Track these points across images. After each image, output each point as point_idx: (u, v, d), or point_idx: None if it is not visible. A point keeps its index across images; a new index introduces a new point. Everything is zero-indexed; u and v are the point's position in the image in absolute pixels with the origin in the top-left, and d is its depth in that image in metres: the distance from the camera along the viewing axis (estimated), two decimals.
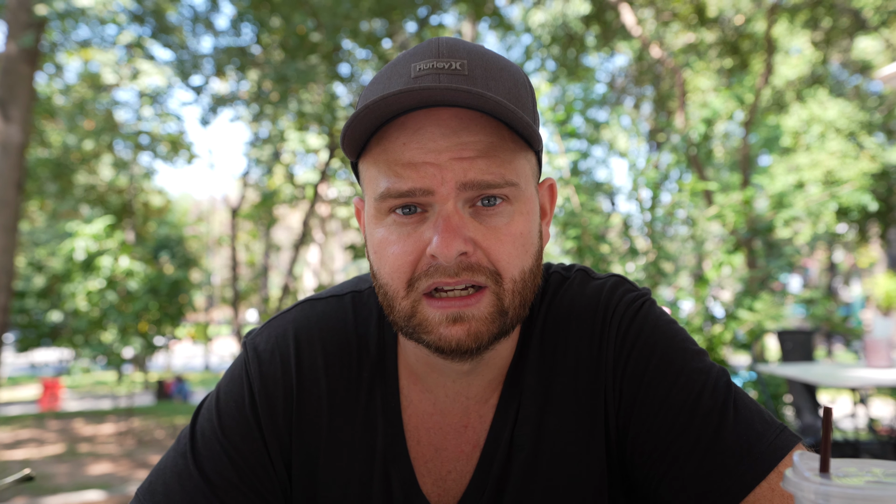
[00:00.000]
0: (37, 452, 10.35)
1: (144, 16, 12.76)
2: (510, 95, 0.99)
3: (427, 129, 0.95)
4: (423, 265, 0.97)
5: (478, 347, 0.98)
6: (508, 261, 0.97)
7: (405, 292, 0.99)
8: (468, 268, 0.96)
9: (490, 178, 0.95)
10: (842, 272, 36.64)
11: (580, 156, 7.26)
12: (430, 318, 0.98)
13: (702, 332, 6.71)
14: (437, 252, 0.93)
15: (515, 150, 0.98)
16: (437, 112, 0.96)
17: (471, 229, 0.96)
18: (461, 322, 0.97)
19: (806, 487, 0.64)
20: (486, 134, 0.96)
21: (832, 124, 19.71)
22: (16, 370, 28.75)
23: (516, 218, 0.98)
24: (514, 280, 0.98)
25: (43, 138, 17.77)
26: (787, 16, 15.76)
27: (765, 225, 8.01)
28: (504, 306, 0.98)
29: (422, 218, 0.98)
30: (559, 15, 17.16)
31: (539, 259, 1.04)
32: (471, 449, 1.11)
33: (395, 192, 0.96)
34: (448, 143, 0.95)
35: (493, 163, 0.95)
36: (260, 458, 1.09)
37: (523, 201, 0.99)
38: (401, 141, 0.96)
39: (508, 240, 0.97)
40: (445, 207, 0.95)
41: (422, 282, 0.97)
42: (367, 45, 14.36)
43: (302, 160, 22.10)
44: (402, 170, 0.96)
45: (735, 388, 1.05)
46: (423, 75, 0.98)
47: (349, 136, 0.96)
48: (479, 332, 0.97)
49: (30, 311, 17.71)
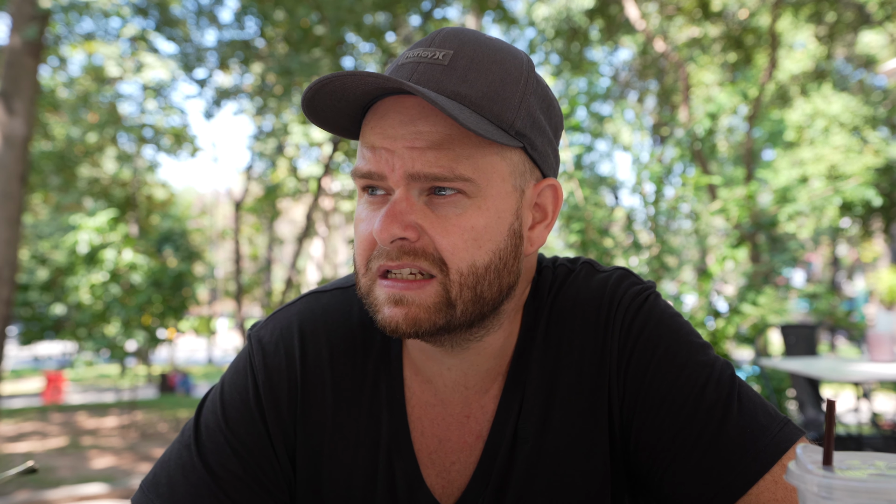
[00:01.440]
0: (40, 445, 10.37)
1: (148, 9, 12.74)
2: (488, 89, 0.98)
3: (390, 116, 0.97)
4: (377, 246, 0.99)
5: (416, 332, 0.98)
6: (453, 251, 0.97)
7: (364, 269, 1.01)
8: (410, 252, 0.96)
9: (437, 170, 0.95)
10: (845, 267, 36.60)
11: (584, 149, 7.27)
12: (378, 297, 0.99)
13: (705, 327, 6.71)
14: (375, 235, 0.95)
15: (481, 146, 0.97)
16: (403, 99, 0.97)
17: (419, 216, 0.96)
18: (401, 305, 0.97)
19: (809, 480, 0.64)
20: (443, 126, 0.95)
21: (836, 119, 19.67)
22: (19, 363, 28.78)
23: (471, 212, 0.97)
24: (461, 272, 0.97)
25: (46, 131, 17.76)
26: (792, 10, 15.72)
27: (768, 219, 8.01)
28: (451, 298, 0.98)
29: (384, 199, 0.99)
30: (563, 9, 17.12)
31: (504, 258, 1.01)
32: (474, 440, 1.11)
33: (359, 171, 0.99)
34: (404, 132, 0.95)
35: (446, 156, 0.95)
36: (264, 450, 1.09)
37: (484, 197, 0.98)
38: (370, 124, 0.99)
39: (457, 231, 0.96)
40: (396, 193, 0.96)
41: (374, 262, 0.99)
42: (370, 39, 14.34)
43: (305, 153, 22.08)
44: (366, 151, 0.99)
45: (739, 382, 1.05)
46: (407, 63, 1.00)
47: (307, 107, 0.99)
48: (417, 318, 0.97)
49: (33, 303, 17.70)
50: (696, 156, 11.54)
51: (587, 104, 21.30)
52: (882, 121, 20.24)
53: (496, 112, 0.98)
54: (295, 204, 27.56)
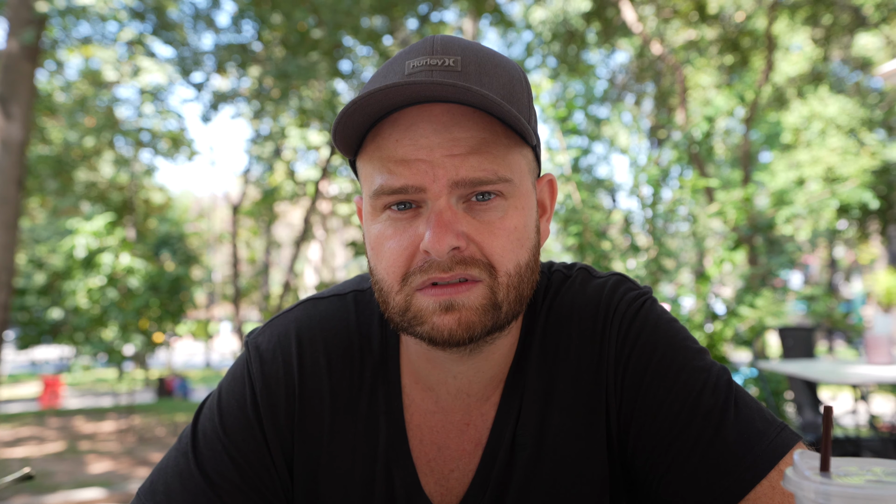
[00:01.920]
0: (37, 450, 10.36)
1: (145, 13, 12.73)
2: (504, 91, 0.99)
3: (419, 126, 0.96)
4: (417, 261, 0.97)
5: (469, 338, 0.98)
6: (502, 254, 0.97)
7: (399, 287, 0.99)
8: (461, 262, 0.96)
9: (482, 174, 0.95)
10: (843, 269, 36.62)
11: (581, 152, 7.26)
12: (424, 307, 0.98)
13: (703, 329, 6.71)
14: (430, 247, 0.94)
15: (509, 146, 0.98)
16: (429, 108, 0.96)
17: (464, 224, 0.96)
18: (453, 310, 0.97)
19: (806, 486, 0.64)
20: (478, 130, 0.96)
21: (833, 121, 19.70)
22: (16, 367, 28.77)
23: (510, 213, 0.98)
24: (509, 274, 0.98)
25: (44, 135, 17.75)
26: (788, 12, 15.74)
27: (766, 222, 8.01)
28: (498, 300, 0.98)
29: (416, 213, 0.98)
30: (560, 12, 17.13)
31: (536, 254, 1.04)
32: (473, 448, 1.11)
33: (389, 188, 0.96)
34: (440, 140, 0.95)
35: (486, 159, 0.95)
36: (261, 458, 1.09)
37: (518, 196, 0.99)
38: (394, 137, 0.97)
39: (502, 234, 0.97)
40: (438, 203, 0.95)
41: (416, 277, 0.97)
42: (367, 42, 14.34)
43: (303, 157, 22.11)
44: (394, 166, 0.96)
45: (736, 387, 1.05)
46: (416, 72, 0.98)
47: (340, 133, 0.96)
48: (470, 322, 0.97)
49: (30, 308, 17.70)
50: (693, 158, 11.55)
51: (584, 107, 21.35)
52: (878, 123, 20.25)
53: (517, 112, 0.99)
54: (292, 207, 27.52)
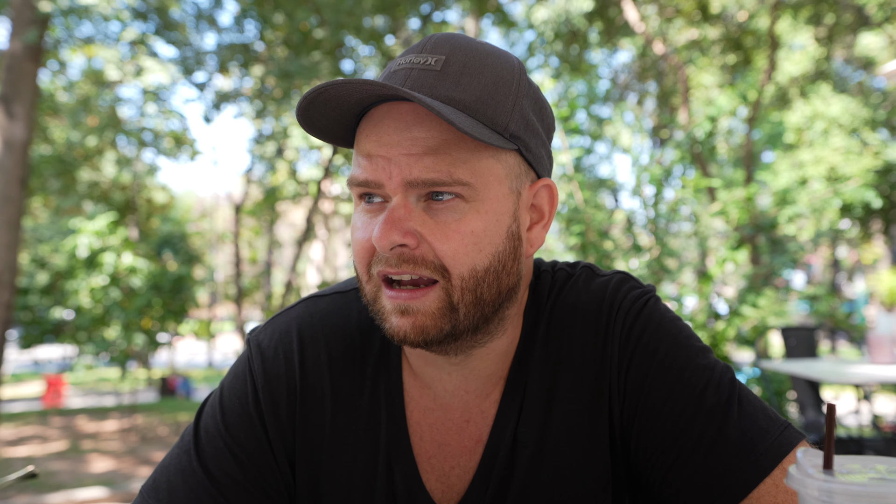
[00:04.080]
0: (40, 449, 10.37)
1: (148, 13, 12.74)
2: (480, 93, 0.98)
3: (384, 123, 0.97)
4: (377, 252, 0.99)
5: (424, 341, 0.99)
6: (454, 257, 0.97)
7: (367, 277, 1.01)
8: (410, 260, 0.96)
9: (435, 175, 0.95)
10: (845, 268, 36.60)
11: (583, 152, 7.28)
12: (385, 307, 1.00)
13: (705, 329, 6.70)
14: (375, 242, 0.95)
15: (476, 149, 0.97)
16: (398, 106, 0.97)
17: (417, 223, 0.96)
18: (407, 315, 0.98)
19: (809, 484, 0.64)
20: (440, 131, 0.95)
21: (835, 121, 19.68)
22: (19, 367, 28.77)
23: (469, 216, 0.97)
24: (463, 277, 0.97)
25: (46, 135, 17.76)
26: (791, 12, 15.72)
27: (768, 221, 8.00)
28: (453, 302, 0.98)
29: (382, 207, 0.99)
30: (562, 11, 17.11)
31: (503, 260, 1.01)
32: (473, 445, 1.11)
33: (355, 180, 0.99)
34: (400, 138, 0.95)
35: (442, 160, 0.95)
36: (264, 455, 1.09)
37: (482, 201, 0.98)
38: (365, 132, 0.99)
39: (456, 236, 0.96)
40: (394, 200, 0.96)
41: (374, 268, 0.99)
42: (370, 42, 14.34)
43: (305, 157, 22.14)
44: (361, 160, 0.99)
45: (739, 385, 1.05)
46: (399, 70, 1.00)
47: (303, 118, 0.99)
48: (424, 326, 0.98)
49: (33, 307, 17.69)
50: (695, 158, 11.54)
51: (587, 107, 21.36)
52: (881, 122, 20.23)
53: (490, 115, 0.98)
54: (295, 207, 27.58)
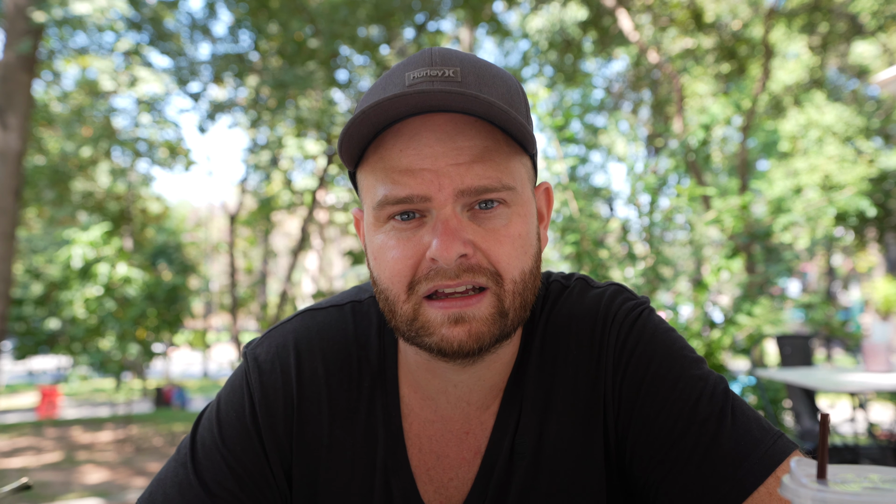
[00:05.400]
0: (34, 460, 10.32)
1: (142, 23, 12.76)
2: (504, 100, 1.00)
3: (423, 135, 0.96)
4: (423, 269, 0.98)
5: (479, 348, 0.98)
6: (508, 262, 0.98)
7: (406, 296, 0.99)
8: (468, 269, 0.96)
9: (487, 182, 0.96)
10: (840, 276, 36.65)
11: (578, 161, 7.29)
12: (433, 319, 0.98)
13: (701, 337, 6.71)
14: (438, 255, 0.94)
15: (511, 154, 0.99)
16: (432, 118, 0.97)
17: (469, 232, 0.97)
18: (462, 323, 0.97)
19: (803, 494, 0.64)
20: (481, 138, 0.96)
21: (830, 129, 19.74)
22: (13, 378, 28.64)
23: (514, 220, 0.99)
24: (515, 281, 0.99)
25: (41, 145, 17.73)
26: (785, 21, 15.80)
27: (763, 230, 8.02)
28: (504, 307, 0.99)
29: (420, 223, 0.98)
30: (557, 21, 17.19)
31: (538, 261, 1.05)
32: (472, 456, 1.11)
33: (393, 198, 0.97)
34: (444, 149, 0.95)
35: (489, 167, 0.96)
36: (260, 468, 1.09)
37: (520, 204, 1.00)
38: (397, 148, 0.97)
39: (507, 241, 0.98)
40: (444, 212, 0.96)
41: (422, 285, 0.98)
42: (364, 52, 14.38)
43: (300, 166, 22.09)
44: (399, 176, 0.96)
45: (733, 395, 1.06)
46: (417, 83, 0.98)
47: (346, 144, 0.97)
48: (480, 333, 0.98)
49: (27, 318, 17.63)
50: (690, 166, 11.56)
51: (581, 116, 21.42)
52: (875, 131, 20.31)
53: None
54: (290, 217, 27.50)
